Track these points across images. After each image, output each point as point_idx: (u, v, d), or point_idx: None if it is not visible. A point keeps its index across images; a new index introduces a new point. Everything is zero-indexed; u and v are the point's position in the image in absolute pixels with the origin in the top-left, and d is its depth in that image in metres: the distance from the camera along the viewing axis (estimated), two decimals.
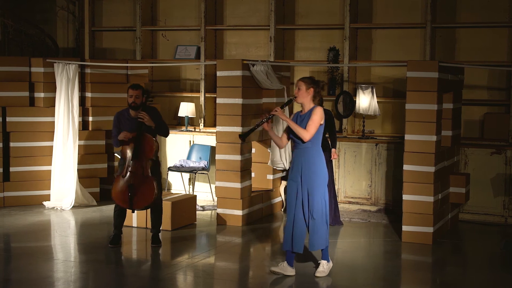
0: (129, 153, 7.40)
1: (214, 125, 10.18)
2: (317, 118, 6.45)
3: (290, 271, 6.64)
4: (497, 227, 8.81)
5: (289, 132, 6.65)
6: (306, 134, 6.43)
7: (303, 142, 6.50)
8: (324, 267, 6.68)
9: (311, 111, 6.51)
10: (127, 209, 7.58)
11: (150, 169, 7.41)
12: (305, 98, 6.55)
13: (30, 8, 12.44)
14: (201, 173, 10.08)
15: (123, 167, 7.45)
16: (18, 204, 9.60)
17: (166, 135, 7.79)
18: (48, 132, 9.71)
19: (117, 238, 7.62)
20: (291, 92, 10.09)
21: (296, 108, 9.15)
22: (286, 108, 9.24)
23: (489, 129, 9.40)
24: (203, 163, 10.01)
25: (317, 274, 6.67)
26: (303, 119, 6.56)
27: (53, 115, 9.62)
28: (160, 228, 7.75)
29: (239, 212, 8.62)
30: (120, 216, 7.62)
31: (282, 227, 8.86)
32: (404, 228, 7.93)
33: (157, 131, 7.58)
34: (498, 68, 9.22)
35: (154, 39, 11.47)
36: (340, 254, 7.49)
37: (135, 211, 7.66)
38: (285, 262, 6.69)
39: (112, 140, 7.66)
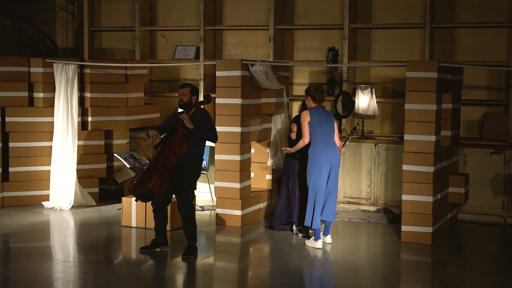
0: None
1: None
2: (302, 122, 7.64)
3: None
4: (496, 227, 8.81)
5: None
6: (301, 140, 7.73)
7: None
8: (307, 241, 7.78)
9: None
10: (141, 202, 7.24)
11: (182, 174, 7.13)
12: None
13: (30, 8, 12.44)
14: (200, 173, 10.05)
15: None
16: (17, 204, 9.59)
17: (214, 140, 7.35)
18: (47, 132, 9.70)
19: (152, 243, 7.42)
20: (290, 92, 10.10)
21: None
22: (286, 107, 9.30)
23: (488, 129, 9.40)
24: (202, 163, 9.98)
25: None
26: None
27: (52, 115, 9.61)
28: (196, 239, 7.28)
29: (238, 212, 8.62)
30: (156, 218, 7.34)
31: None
32: (403, 228, 7.93)
33: (199, 134, 7.13)
34: (497, 68, 9.22)
35: (153, 39, 11.47)
36: (339, 254, 7.50)
37: (137, 200, 7.05)
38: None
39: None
